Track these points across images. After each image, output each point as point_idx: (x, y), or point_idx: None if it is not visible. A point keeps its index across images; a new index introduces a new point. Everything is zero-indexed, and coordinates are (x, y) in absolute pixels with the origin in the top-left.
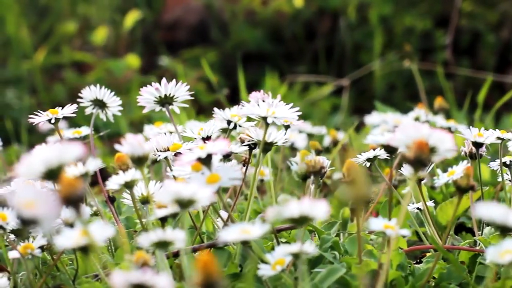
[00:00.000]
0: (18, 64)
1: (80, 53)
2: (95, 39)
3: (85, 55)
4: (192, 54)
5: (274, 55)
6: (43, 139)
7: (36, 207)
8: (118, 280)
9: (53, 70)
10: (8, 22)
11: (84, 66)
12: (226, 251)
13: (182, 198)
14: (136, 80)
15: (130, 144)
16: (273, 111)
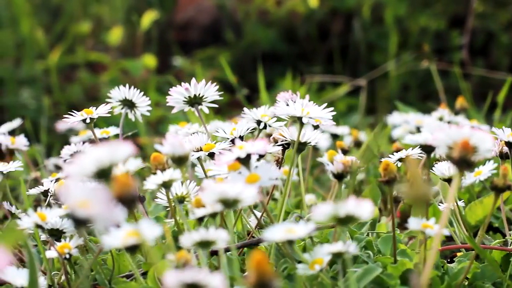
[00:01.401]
0: (33, 65)
1: (95, 53)
2: (110, 39)
3: (100, 55)
4: (205, 55)
5: (288, 55)
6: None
7: (90, 206)
8: (172, 280)
9: (67, 70)
10: (22, 23)
11: (97, 66)
12: (258, 251)
13: (228, 198)
14: (153, 80)
15: (171, 144)
16: (308, 111)
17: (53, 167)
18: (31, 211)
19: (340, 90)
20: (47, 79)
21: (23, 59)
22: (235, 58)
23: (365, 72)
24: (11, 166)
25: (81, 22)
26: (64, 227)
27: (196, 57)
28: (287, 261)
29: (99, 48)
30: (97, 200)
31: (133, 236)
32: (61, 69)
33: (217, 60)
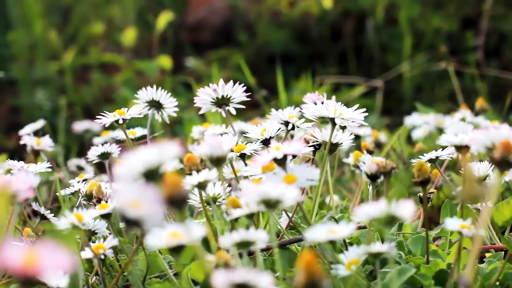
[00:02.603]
0: (46, 65)
1: (109, 54)
2: (123, 40)
3: (114, 56)
4: (217, 55)
5: (300, 56)
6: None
7: (140, 207)
8: (220, 280)
9: (79, 71)
10: (34, 24)
11: (109, 67)
12: (290, 251)
13: (270, 199)
14: (168, 81)
15: (210, 145)
16: (340, 112)
17: (75, 167)
18: (68, 212)
19: (355, 91)
20: (61, 80)
21: (36, 60)
22: (247, 59)
23: (379, 73)
24: (40, 167)
25: (93, 23)
26: (97, 228)
27: (208, 58)
28: (318, 261)
29: (110, 49)
30: (148, 201)
31: (177, 236)
32: (74, 70)
33: (229, 61)
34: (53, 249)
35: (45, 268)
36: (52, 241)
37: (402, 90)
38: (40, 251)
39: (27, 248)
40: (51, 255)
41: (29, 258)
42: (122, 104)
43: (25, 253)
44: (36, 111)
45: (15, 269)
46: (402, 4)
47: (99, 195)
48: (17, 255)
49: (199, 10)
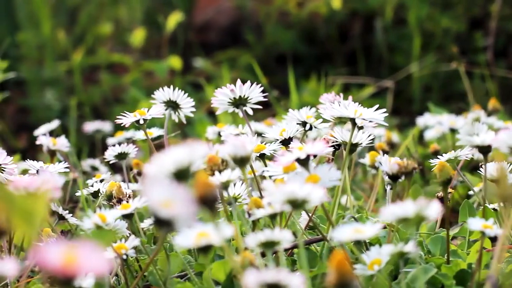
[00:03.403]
0: (55, 66)
1: (117, 54)
2: (132, 40)
3: (122, 57)
4: (225, 56)
5: (308, 56)
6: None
7: (172, 207)
8: (252, 280)
9: (87, 71)
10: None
11: (117, 67)
12: (310, 251)
13: (297, 199)
14: (177, 81)
15: (234, 145)
16: (361, 112)
17: (89, 168)
18: (91, 212)
19: (365, 91)
20: (69, 80)
21: (45, 61)
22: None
23: (387, 73)
24: (59, 167)
25: (100, 23)
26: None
27: (216, 59)
28: None
29: (117, 49)
30: (180, 200)
31: (205, 236)
32: (82, 71)
33: (237, 61)
34: (91, 249)
35: (84, 269)
36: (89, 241)
37: (410, 90)
38: (79, 252)
39: (66, 249)
40: (90, 255)
41: (68, 258)
42: (132, 104)
43: (64, 253)
44: (45, 112)
45: (55, 269)
46: (411, 4)
47: (120, 195)
48: (56, 255)
49: (206, 11)
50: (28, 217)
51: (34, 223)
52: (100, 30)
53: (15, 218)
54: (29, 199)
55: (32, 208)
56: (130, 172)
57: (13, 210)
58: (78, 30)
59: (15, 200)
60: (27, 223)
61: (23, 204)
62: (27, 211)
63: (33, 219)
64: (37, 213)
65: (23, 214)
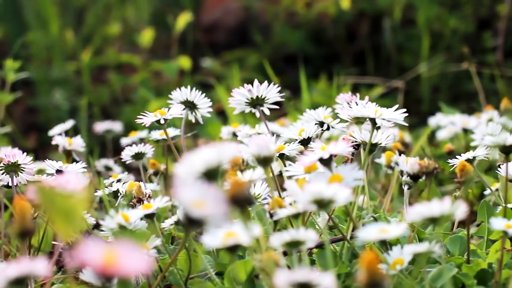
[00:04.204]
0: (63, 66)
1: (125, 54)
2: (141, 41)
3: (131, 57)
4: (233, 56)
5: (316, 56)
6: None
7: (204, 206)
8: (282, 279)
9: (95, 72)
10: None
11: (125, 68)
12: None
13: (323, 198)
14: (187, 81)
15: (257, 145)
16: (381, 112)
17: (102, 168)
18: (113, 212)
19: (374, 91)
20: (78, 81)
21: (53, 61)
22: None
23: (395, 73)
24: (76, 166)
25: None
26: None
27: (224, 59)
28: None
29: (125, 49)
30: (212, 200)
31: (233, 236)
32: (90, 71)
33: (245, 61)
34: (131, 248)
35: (124, 268)
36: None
37: (419, 90)
38: (119, 251)
39: (106, 248)
40: (130, 254)
41: (109, 258)
42: (142, 104)
43: (104, 252)
44: (54, 112)
45: (95, 268)
46: (420, 5)
47: (140, 195)
48: (96, 255)
49: (213, 11)
50: (68, 217)
51: (74, 222)
52: (108, 30)
53: (55, 218)
54: (69, 199)
55: (71, 208)
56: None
57: (53, 209)
58: (86, 30)
59: (55, 200)
60: (67, 222)
61: (63, 204)
62: (67, 210)
63: (72, 218)
64: (77, 213)
65: (63, 214)
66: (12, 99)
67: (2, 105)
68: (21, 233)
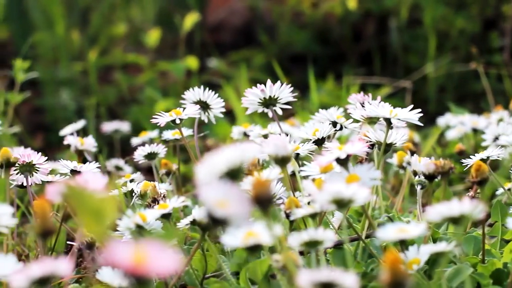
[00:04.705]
0: (69, 66)
1: (132, 54)
2: (147, 41)
3: (137, 57)
4: (239, 56)
5: (322, 56)
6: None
7: (228, 206)
8: (305, 279)
9: (101, 72)
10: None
11: (131, 68)
12: (344, 251)
13: (343, 198)
14: (194, 81)
15: (275, 145)
16: (396, 113)
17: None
18: (130, 212)
19: (381, 91)
20: (84, 81)
21: (60, 61)
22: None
23: (402, 74)
24: (90, 166)
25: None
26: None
27: (230, 59)
28: (374, 261)
29: (130, 49)
30: (235, 200)
31: (254, 236)
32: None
33: (251, 61)
34: (160, 248)
35: (154, 268)
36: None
37: (425, 90)
38: (148, 251)
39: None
40: (159, 254)
41: (138, 258)
42: (149, 104)
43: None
44: (61, 112)
45: (124, 268)
46: (427, 5)
47: (154, 195)
48: (126, 255)
49: (218, 11)
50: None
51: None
52: (114, 30)
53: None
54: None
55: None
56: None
57: (83, 210)
58: (92, 30)
59: (85, 200)
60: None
61: (93, 204)
62: (97, 211)
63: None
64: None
65: (93, 214)
66: (21, 99)
67: (12, 105)
68: (42, 233)
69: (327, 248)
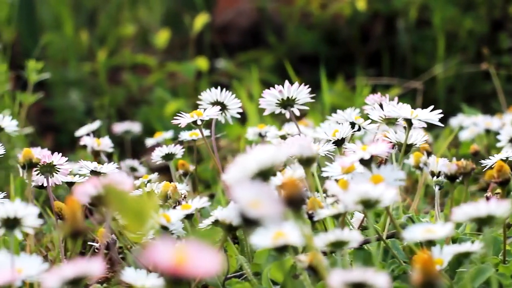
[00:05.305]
0: (78, 67)
1: (141, 55)
2: (156, 42)
3: (146, 58)
4: (247, 57)
5: (330, 57)
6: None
7: (261, 207)
8: (337, 279)
9: (109, 73)
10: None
11: (139, 68)
12: (365, 251)
13: (370, 199)
14: (204, 82)
15: (300, 145)
16: (417, 113)
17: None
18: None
19: (391, 92)
20: (93, 81)
21: (69, 62)
22: (277, 61)
23: (410, 74)
24: (109, 167)
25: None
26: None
27: (237, 60)
28: (395, 262)
29: (138, 50)
30: (267, 200)
31: (282, 236)
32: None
33: (259, 62)
34: (201, 248)
35: (195, 268)
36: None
37: (434, 91)
38: (189, 252)
39: (176, 248)
40: (200, 254)
41: (179, 258)
42: (159, 104)
43: (175, 252)
44: (70, 112)
45: (166, 268)
46: (436, 6)
47: (176, 196)
48: (167, 255)
49: (226, 12)
50: (139, 218)
51: (145, 223)
52: (123, 31)
53: (126, 218)
54: (140, 200)
55: (142, 208)
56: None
57: (124, 210)
58: (100, 31)
59: (126, 201)
60: (138, 223)
61: (134, 205)
62: (138, 211)
63: (144, 219)
64: (147, 214)
65: (134, 214)
66: (34, 100)
67: (25, 106)
68: (72, 233)
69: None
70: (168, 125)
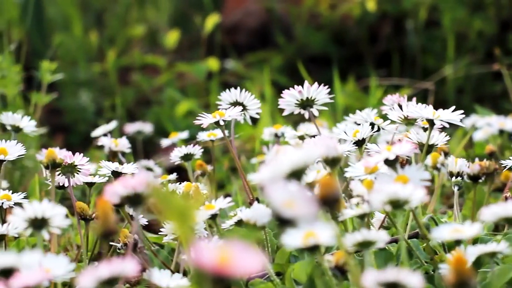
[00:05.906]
0: (89, 67)
1: (150, 56)
2: (166, 42)
3: (156, 58)
4: (255, 58)
5: (339, 58)
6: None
7: (295, 207)
8: (370, 279)
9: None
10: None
11: (148, 69)
12: (386, 251)
13: (399, 199)
14: (215, 82)
15: (326, 146)
16: (439, 114)
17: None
18: None
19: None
20: (103, 82)
21: (79, 62)
22: (286, 61)
23: (420, 75)
24: (129, 167)
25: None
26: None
27: (246, 60)
28: (417, 262)
29: (146, 50)
30: (302, 201)
31: (313, 236)
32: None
33: (267, 63)
34: (244, 248)
35: (238, 268)
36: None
37: (443, 92)
38: (232, 251)
39: (219, 248)
40: (243, 255)
41: (223, 258)
42: (170, 105)
43: (218, 253)
44: (80, 113)
45: (209, 269)
46: (445, 6)
47: (197, 196)
48: (211, 255)
49: (234, 13)
50: (184, 219)
51: (190, 224)
52: (132, 32)
53: (172, 220)
54: (185, 202)
55: (187, 209)
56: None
57: (170, 211)
58: (109, 32)
59: (171, 203)
60: (184, 224)
61: (179, 206)
62: (183, 212)
63: (189, 220)
64: (192, 215)
65: (179, 215)
66: (48, 100)
67: (39, 106)
68: (104, 233)
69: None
70: (179, 125)
